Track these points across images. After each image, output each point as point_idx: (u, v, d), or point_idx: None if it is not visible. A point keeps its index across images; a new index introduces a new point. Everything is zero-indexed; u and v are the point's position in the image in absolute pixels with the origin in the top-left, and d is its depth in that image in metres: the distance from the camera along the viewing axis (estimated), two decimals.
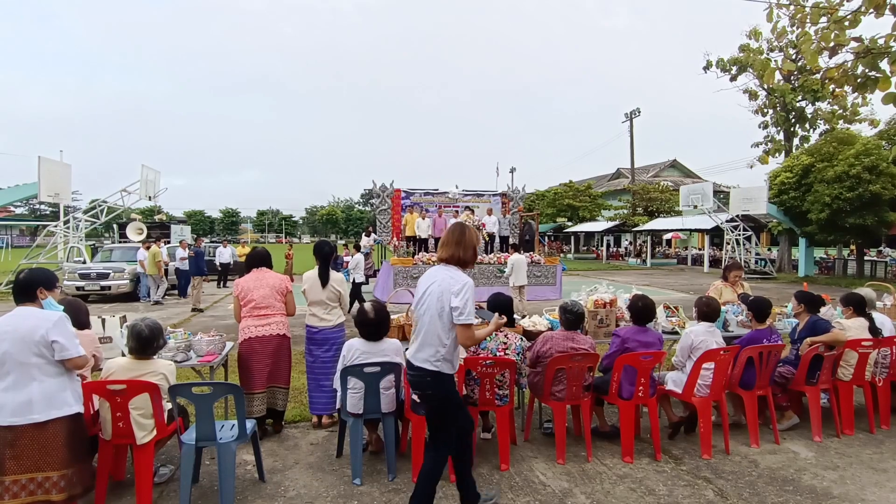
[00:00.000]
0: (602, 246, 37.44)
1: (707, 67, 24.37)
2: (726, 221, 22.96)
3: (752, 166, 25.53)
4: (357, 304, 8.25)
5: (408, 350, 2.91)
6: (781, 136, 24.10)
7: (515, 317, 4.39)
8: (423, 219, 14.86)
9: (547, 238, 36.56)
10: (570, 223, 38.24)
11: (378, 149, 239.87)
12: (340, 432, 3.82)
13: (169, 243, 16.35)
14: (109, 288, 13.06)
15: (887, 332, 4.45)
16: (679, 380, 4.03)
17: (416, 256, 13.59)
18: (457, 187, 17.01)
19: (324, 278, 4.25)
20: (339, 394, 3.59)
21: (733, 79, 24.13)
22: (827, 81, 5.06)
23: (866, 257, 21.52)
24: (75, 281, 12.91)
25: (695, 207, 23.86)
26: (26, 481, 2.57)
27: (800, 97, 22.54)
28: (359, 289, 10.49)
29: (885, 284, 6.48)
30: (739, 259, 21.20)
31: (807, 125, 23.58)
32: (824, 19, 4.68)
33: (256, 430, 3.37)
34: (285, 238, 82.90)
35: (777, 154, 23.68)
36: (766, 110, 23.95)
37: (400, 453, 3.68)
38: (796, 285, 16.21)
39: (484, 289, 11.01)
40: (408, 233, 14.84)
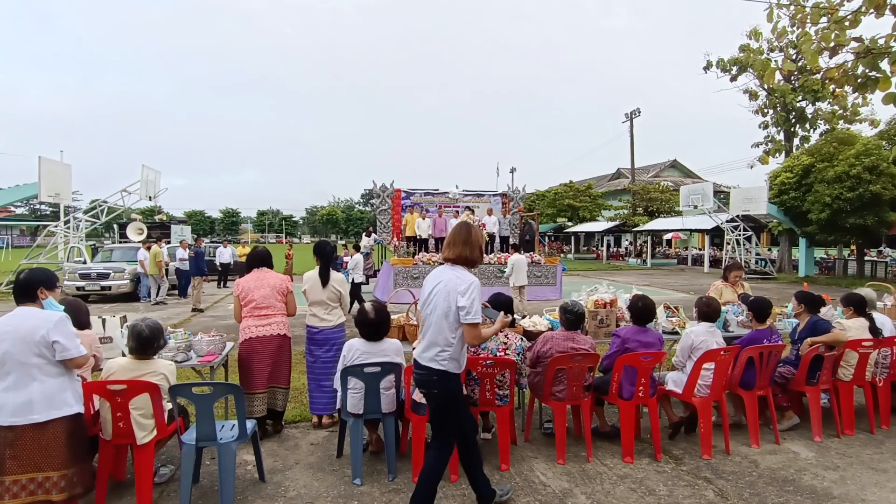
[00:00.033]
0: (602, 246, 37.44)
1: (707, 67, 24.38)
2: (726, 222, 22.97)
3: (752, 166, 25.56)
4: (356, 305, 8.25)
5: (414, 349, 2.92)
6: (782, 137, 24.10)
7: (516, 317, 4.39)
8: (424, 219, 14.88)
9: (547, 238, 36.53)
10: (570, 223, 38.24)
11: (378, 149, 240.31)
12: (341, 432, 3.82)
13: (169, 243, 16.36)
14: (110, 288, 13.07)
15: (888, 333, 4.45)
16: (679, 380, 4.03)
17: (417, 256, 13.59)
18: (457, 187, 17.02)
19: (324, 278, 4.25)
20: (339, 394, 3.59)
21: (733, 79, 24.14)
22: (827, 81, 5.06)
23: (867, 257, 21.51)
24: (75, 281, 12.92)
25: (695, 208, 23.86)
26: (26, 481, 2.58)
27: (800, 97, 22.54)
28: (358, 289, 10.50)
29: (886, 285, 6.48)
30: (740, 259, 21.19)
31: (807, 125, 23.59)
32: (824, 19, 4.68)
33: (257, 431, 3.37)
34: (285, 238, 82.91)
35: (777, 154, 23.68)
36: (766, 110, 23.95)
37: (400, 453, 3.68)
38: (797, 285, 16.20)
39: (484, 289, 10.77)
40: (408, 233, 14.86)
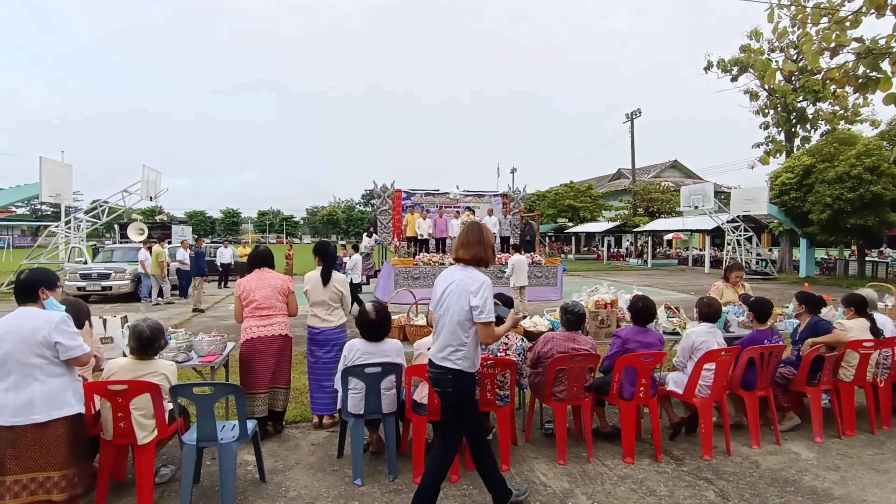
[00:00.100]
0: (603, 246, 37.43)
1: (708, 68, 24.38)
2: (727, 222, 22.96)
3: (752, 167, 25.60)
4: (355, 305, 8.24)
5: (429, 350, 2.96)
6: (782, 137, 24.09)
7: (506, 320, 4.38)
8: (424, 219, 14.88)
9: (548, 238, 36.53)
10: (570, 224, 38.23)
11: (379, 149, 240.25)
12: (341, 433, 3.82)
13: (170, 244, 16.37)
14: (110, 288, 13.09)
15: (888, 333, 4.45)
16: (680, 380, 4.03)
17: (417, 257, 13.59)
18: (458, 188, 17.02)
19: (326, 278, 4.25)
20: (339, 394, 3.59)
21: (734, 79, 24.14)
22: (828, 82, 5.05)
23: (867, 258, 21.50)
24: (76, 281, 12.94)
25: (696, 208, 23.85)
26: (27, 481, 2.58)
27: (801, 98, 22.53)
28: (356, 289, 10.53)
29: (887, 285, 6.47)
30: (740, 260, 21.18)
31: (808, 126, 23.58)
32: (825, 20, 4.68)
33: (257, 431, 3.38)
34: (286, 239, 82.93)
35: (778, 155, 23.67)
36: (767, 111, 23.93)
37: (401, 454, 3.68)
38: (797, 286, 16.19)
39: None
40: (409, 233, 14.86)
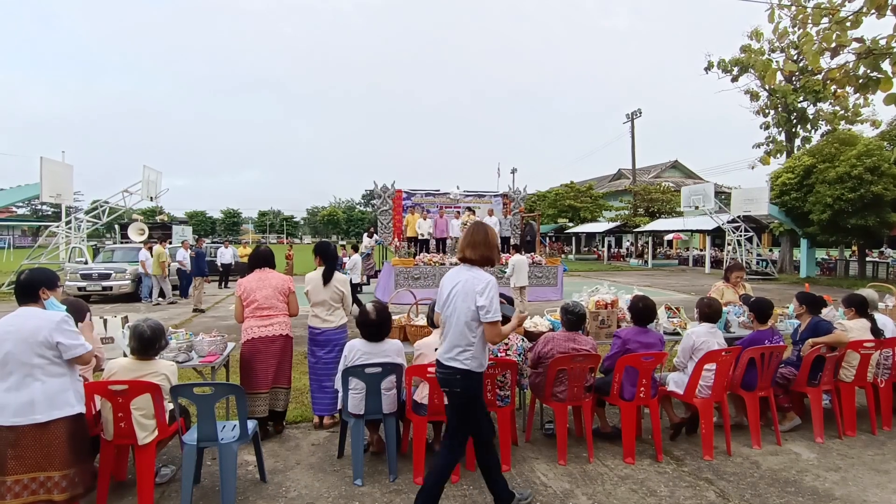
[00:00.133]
0: (603, 247, 37.44)
1: (708, 68, 24.38)
2: (728, 222, 22.95)
3: (753, 167, 25.56)
4: (354, 306, 8.29)
5: (437, 350, 2.98)
6: (783, 137, 24.09)
7: (511, 319, 4.38)
8: (425, 219, 14.89)
9: (548, 239, 36.53)
10: (571, 224, 38.23)
11: (379, 149, 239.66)
12: (342, 433, 3.82)
13: (171, 244, 16.38)
14: (111, 288, 13.10)
15: (889, 334, 4.44)
16: (680, 381, 4.03)
17: (418, 257, 13.59)
18: (458, 188, 17.03)
19: (327, 277, 4.25)
20: (340, 394, 3.59)
21: (735, 79, 24.14)
22: (828, 82, 5.05)
23: (868, 258, 21.49)
24: (77, 281, 12.95)
25: (696, 208, 23.84)
26: (28, 481, 2.58)
27: (801, 98, 22.53)
28: (355, 290, 10.55)
29: (887, 285, 6.47)
30: (741, 260, 21.18)
31: (808, 126, 23.57)
32: (826, 20, 4.68)
33: (258, 431, 3.38)
34: (286, 239, 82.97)
35: (778, 155, 23.67)
36: (767, 111, 23.93)
37: (401, 454, 3.68)
38: (798, 286, 16.19)
39: None
40: (409, 233, 14.87)
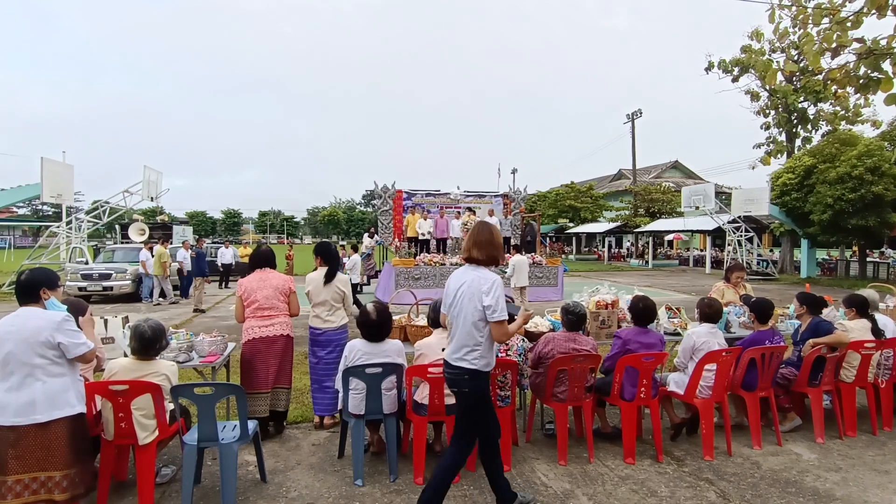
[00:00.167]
0: (604, 247, 37.43)
1: (709, 68, 24.37)
2: (728, 223, 22.95)
3: (753, 167, 25.45)
4: (354, 306, 8.32)
5: (444, 351, 2.99)
6: (783, 138, 24.09)
7: (517, 317, 4.38)
8: (425, 219, 14.88)
9: (548, 239, 36.53)
10: (571, 224, 38.23)
11: (380, 149, 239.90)
12: (342, 433, 3.82)
13: (171, 244, 16.39)
14: (111, 288, 13.10)
15: (890, 334, 4.44)
16: (681, 381, 4.03)
17: (418, 257, 13.59)
18: (458, 188, 17.03)
19: (330, 277, 4.26)
20: (340, 395, 3.59)
21: (735, 80, 24.15)
22: (829, 82, 5.05)
23: (869, 259, 21.48)
24: (77, 281, 12.96)
25: (696, 208, 23.83)
26: (29, 481, 2.58)
27: (802, 98, 22.52)
28: (355, 290, 10.57)
29: (888, 286, 6.46)
30: (741, 260, 21.17)
31: (809, 126, 23.58)
32: (826, 20, 4.68)
33: (258, 431, 3.38)
34: (287, 239, 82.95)
35: (779, 155, 23.67)
36: (768, 111, 23.93)
37: (401, 454, 3.68)
38: (798, 286, 16.18)
39: None
40: (409, 233, 14.86)
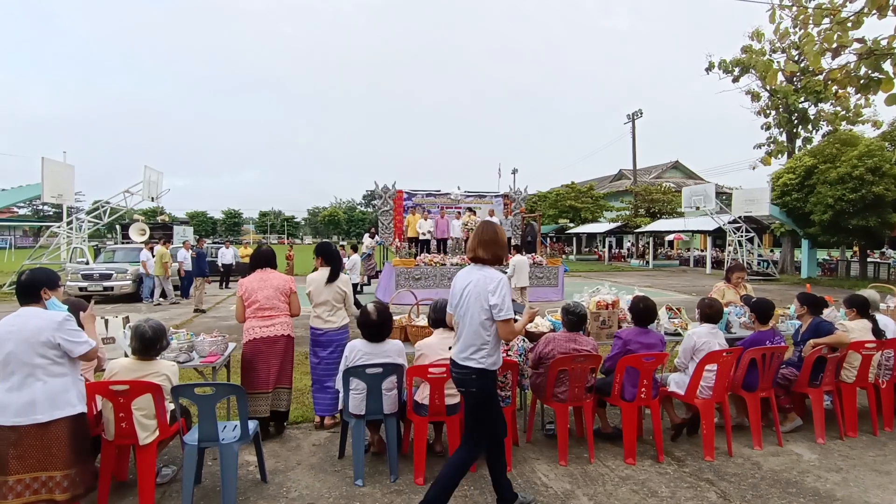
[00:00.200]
0: (604, 247, 37.42)
1: (709, 68, 24.38)
2: (729, 223, 22.94)
3: (754, 168, 25.45)
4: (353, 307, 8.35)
5: (451, 350, 3.00)
6: (784, 138, 24.07)
7: (517, 317, 4.39)
8: (426, 220, 14.88)
9: (549, 239, 36.54)
10: (572, 224, 38.22)
11: (380, 150, 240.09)
12: (342, 433, 3.82)
13: (172, 244, 16.39)
14: (112, 289, 13.10)
15: (891, 334, 4.44)
16: (681, 381, 4.03)
17: (418, 257, 13.59)
18: (459, 188, 17.03)
19: (333, 277, 4.27)
20: (341, 395, 3.59)
21: (736, 80, 24.14)
22: (830, 83, 5.05)
23: (869, 259, 21.46)
24: (78, 281, 12.96)
25: (697, 209, 23.82)
26: (30, 480, 2.59)
27: (802, 98, 22.51)
28: (354, 290, 10.58)
29: (889, 286, 6.46)
30: (742, 261, 21.15)
31: (809, 126, 23.57)
32: (827, 20, 4.68)
33: (259, 431, 3.38)
34: (287, 239, 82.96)
35: (780, 155, 23.66)
36: (768, 111, 23.92)
37: (402, 455, 3.68)
38: (799, 287, 16.17)
39: None
40: (410, 234, 14.85)
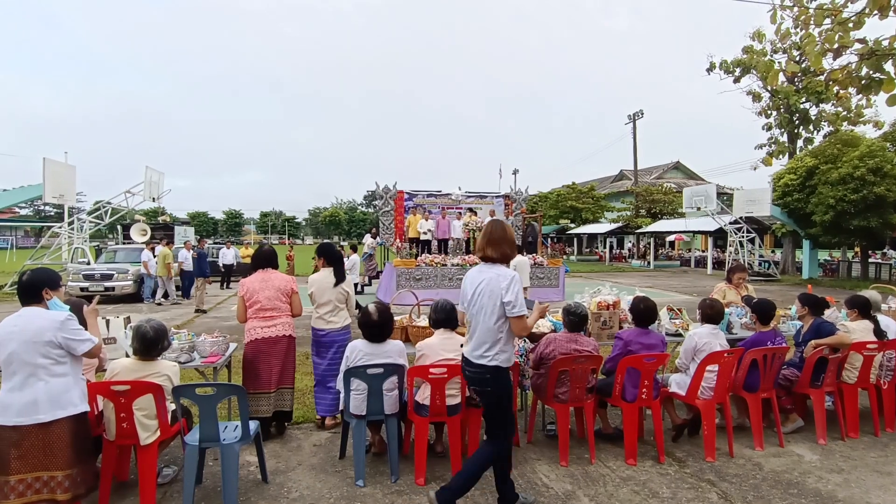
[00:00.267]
0: (605, 248, 37.40)
1: (710, 69, 24.34)
2: (730, 223, 22.91)
3: (755, 168, 25.39)
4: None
5: (464, 349, 3.00)
6: (785, 138, 24.03)
7: (532, 311, 4.39)
8: (426, 220, 14.88)
9: (550, 240, 36.48)
10: (572, 225, 38.19)
11: (381, 150, 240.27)
12: (343, 434, 3.82)
13: (174, 245, 16.40)
14: (113, 289, 13.11)
15: (892, 335, 4.43)
16: (683, 382, 4.02)
17: (419, 258, 13.59)
18: (460, 189, 17.02)
19: (340, 278, 4.31)
20: (342, 395, 3.60)
21: (737, 80, 24.08)
22: (831, 83, 5.06)
23: (871, 259, 21.44)
24: (79, 282, 12.98)
25: (698, 209, 23.80)
26: (32, 480, 2.59)
27: (804, 99, 22.47)
28: (354, 290, 10.60)
29: (890, 287, 6.45)
30: (743, 261, 21.13)
31: (811, 127, 23.52)
32: (828, 21, 4.68)
33: (259, 432, 3.38)
34: (288, 239, 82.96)
35: (781, 156, 23.62)
36: (769, 112, 23.88)
37: (403, 455, 3.68)
38: (800, 287, 16.15)
39: None
40: (411, 234, 14.85)
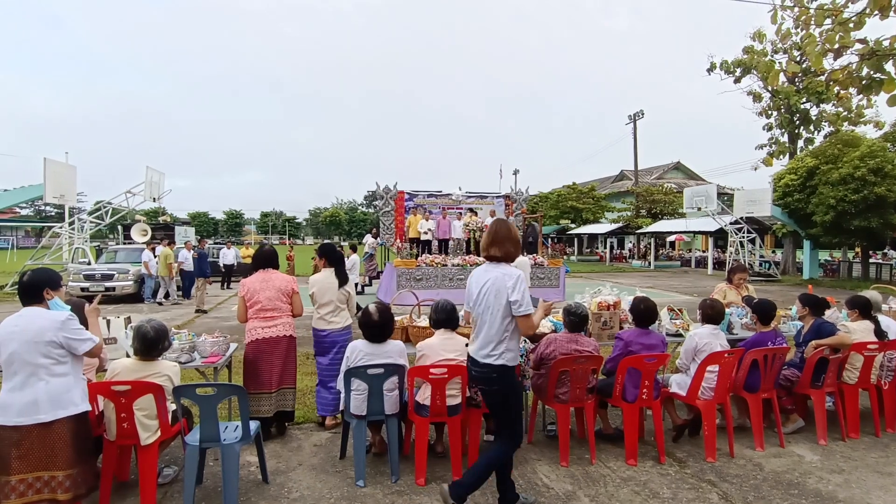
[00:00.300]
0: (605, 248, 37.39)
1: (711, 69, 24.33)
2: (730, 224, 22.90)
3: (756, 168, 25.37)
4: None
5: (469, 348, 3.01)
6: (786, 139, 24.03)
7: (537, 309, 4.39)
8: (427, 220, 14.88)
9: (550, 240, 36.48)
10: (573, 225, 38.18)
11: (381, 150, 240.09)
12: (344, 434, 3.82)
13: (175, 245, 16.40)
14: (114, 289, 13.12)
15: (893, 336, 4.43)
16: (683, 382, 4.02)
17: (420, 258, 13.59)
18: (460, 189, 17.02)
19: (342, 279, 4.32)
20: (342, 395, 3.60)
21: (737, 81, 24.07)
22: (831, 83, 5.05)
23: (871, 260, 21.43)
24: (80, 282, 12.98)
25: (699, 209, 23.79)
26: (33, 480, 2.59)
27: (804, 99, 22.46)
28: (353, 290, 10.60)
29: (891, 287, 6.45)
30: (743, 261, 21.12)
31: (811, 127, 23.51)
32: (829, 21, 4.67)
33: (260, 432, 3.38)
34: (288, 240, 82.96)
35: (781, 156, 23.61)
36: (770, 112, 23.87)
37: (403, 455, 3.68)
38: (801, 288, 16.14)
39: None
40: (411, 234, 14.85)
